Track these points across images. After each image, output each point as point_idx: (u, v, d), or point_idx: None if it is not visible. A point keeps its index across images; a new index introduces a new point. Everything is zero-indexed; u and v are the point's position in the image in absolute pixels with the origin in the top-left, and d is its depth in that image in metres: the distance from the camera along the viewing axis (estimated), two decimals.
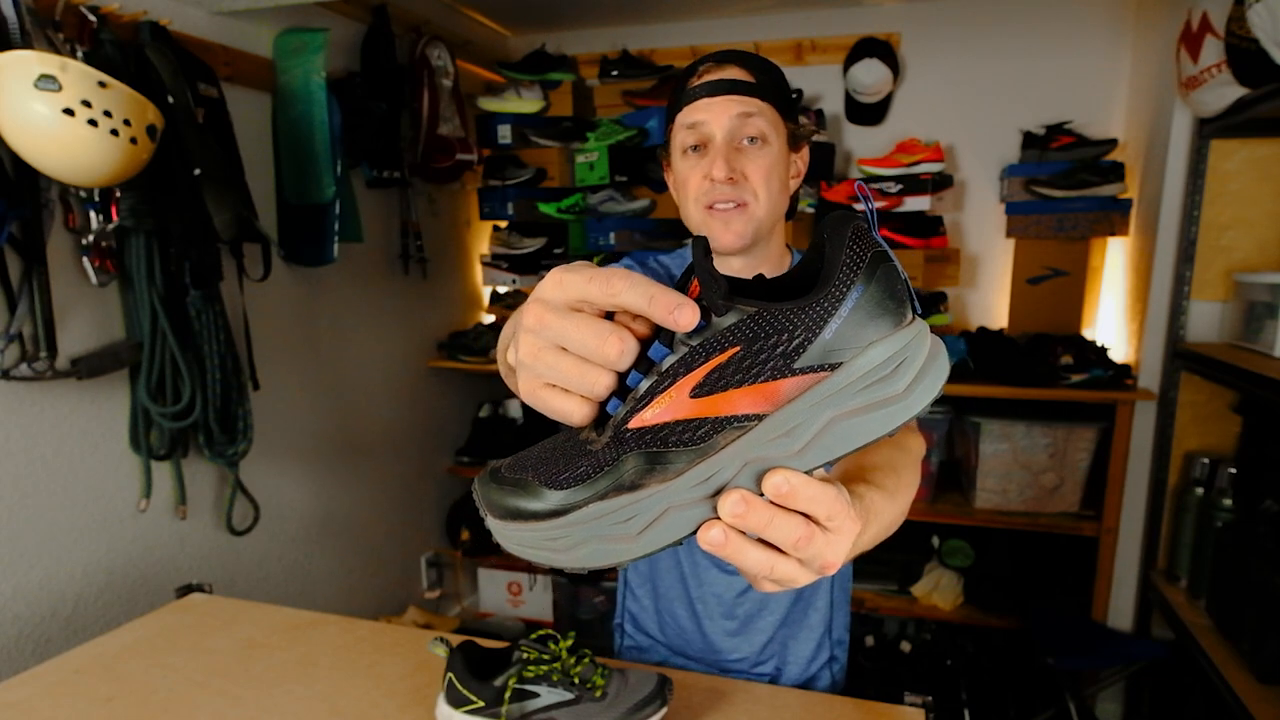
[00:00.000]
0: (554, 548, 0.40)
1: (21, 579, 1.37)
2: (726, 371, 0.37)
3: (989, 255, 2.45)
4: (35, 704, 0.88)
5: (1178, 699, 1.96)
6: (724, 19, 2.56)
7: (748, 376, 0.37)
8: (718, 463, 0.38)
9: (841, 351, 0.37)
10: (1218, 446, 1.96)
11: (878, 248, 0.38)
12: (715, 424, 0.37)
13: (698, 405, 0.37)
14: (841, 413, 0.37)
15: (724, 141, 0.88)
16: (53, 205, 1.34)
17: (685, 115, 0.91)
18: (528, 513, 0.40)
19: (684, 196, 0.93)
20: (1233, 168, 1.87)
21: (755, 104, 0.89)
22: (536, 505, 0.40)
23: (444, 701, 0.80)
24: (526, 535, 0.40)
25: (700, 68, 0.91)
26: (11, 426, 1.35)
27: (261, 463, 1.86)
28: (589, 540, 0.39)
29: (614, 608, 1.16)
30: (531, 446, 0.45)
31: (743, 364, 0.37)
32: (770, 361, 0.37)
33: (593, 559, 0.39)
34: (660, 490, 0.38)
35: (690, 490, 0.38)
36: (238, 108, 1.68)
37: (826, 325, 0.37)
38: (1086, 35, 2.27)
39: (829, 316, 0.37)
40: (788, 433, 0.38)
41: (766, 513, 0.38)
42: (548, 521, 0.40)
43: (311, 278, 2.02)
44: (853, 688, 1.02)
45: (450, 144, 2.31)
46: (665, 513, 0.38)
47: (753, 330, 0.37)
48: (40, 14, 1.28)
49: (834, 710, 0.87)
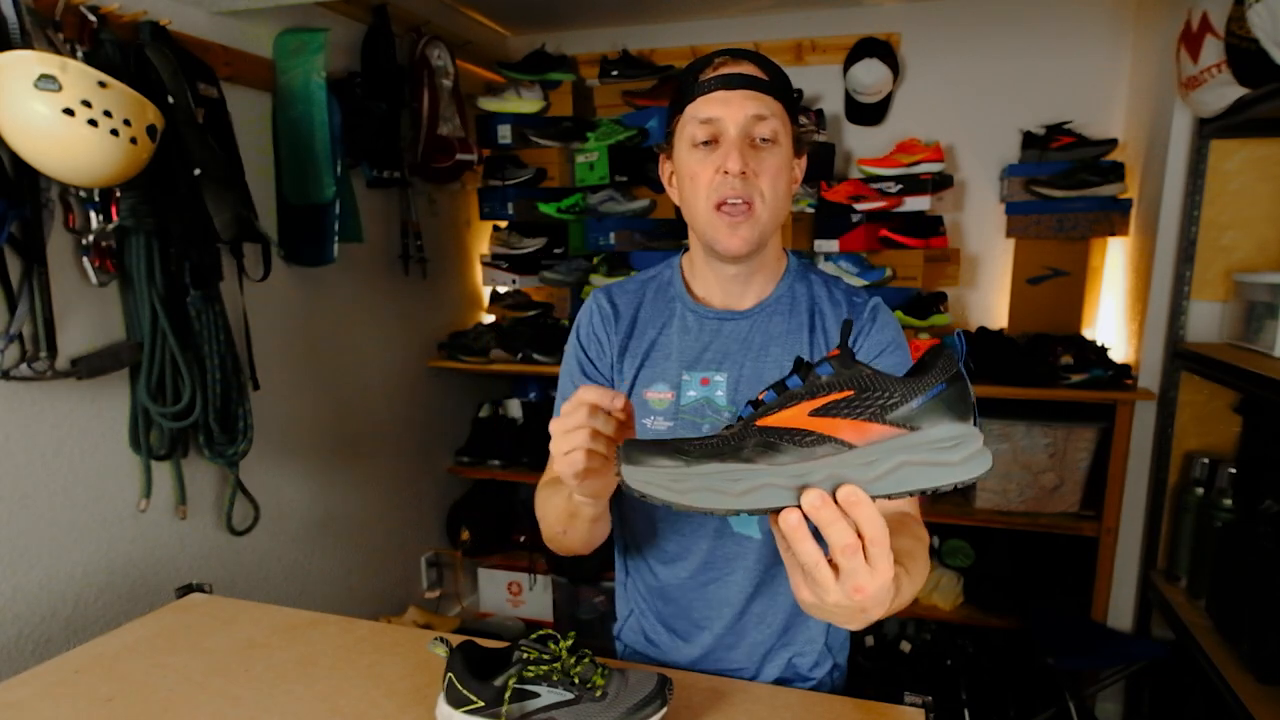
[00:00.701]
0: (674, 488, 0.53)
1: (21, 579, 1.37)
2: (839, 405, 0.53)
3: (989, 255, 2.45)
4: (35, 704, 0.88)
5: (1178, 699, 1.96)
6: (724, 19, 2.56)
7: (853, 413, 0.52)
8: (812, 466, 0.52)
9: (921, 420, 0.52)
10: (1218, 446, 1.96)
11: (961, 371, 0.53)
12: (820, 438, 0.52)
13: (812, 422, 0.53)
14: (910, 460, 0.52)
15: (738, 136, 0.87)
16: (53, 205, 1.34)
17: (697, 108, 0.89)
18: (662, 463, 0.53)
19: (693, 191, 0.91)
20: (1233, 168, 1.87)
21: (769, 103, 0.88)
22: (671, 458, 0.53)
23: (444, 701, 0.80)
24: (656, 474, 0.53)
25: (715, 60, 0.90)
26: (11, 426, 1.35)
27: (261, 463, 1.86)
28: (702, 489, 0.52)
29: (614, 609, 1.15)
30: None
31: (852, 404, 0.52)
32: (871, 408, 0.52)
33: (701, 499, 0.52)
34: (766, 470, 0.52)
35: (787, 477, 0.52)
36: (238, 108, 1.68)
37: (917, 398, 0.52)
38: (1086, 35, 2.27)
39: (920, 393, 0.53)
40: (868, 463, 0.52)
41: (833, 512, 0.51)
42: (677, 467, 0.53)
43: (311, 278, 2.02)
44: (853, 688, 1.01)
45: (450, 144, 2.31)
46: (763, 486, 0.52)
47: (866, 384, 0.53)
48: (40, 14, 1.28)
49: (834, 710, 0.87)
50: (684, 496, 0.52)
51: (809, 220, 2.39)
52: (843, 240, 2.33)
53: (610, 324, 1.02)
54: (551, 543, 0.93)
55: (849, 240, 2.33)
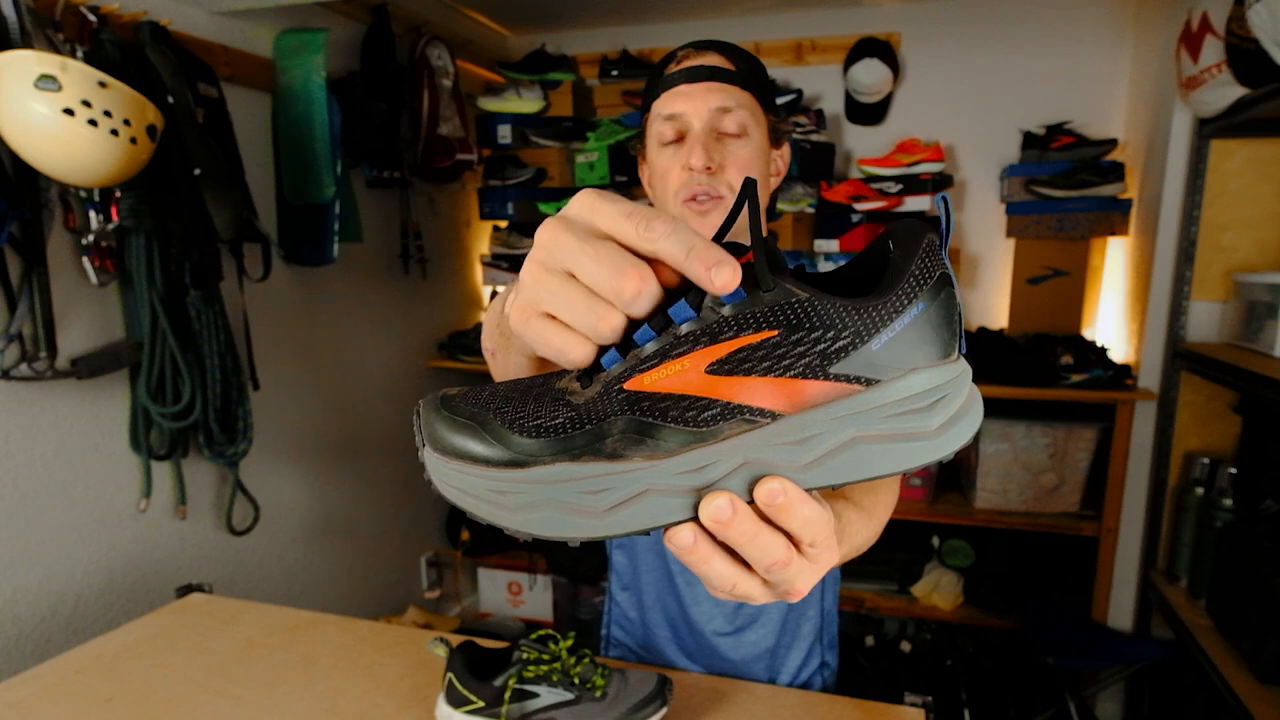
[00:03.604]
0: (501, 503, 0.34)
1: (21, 579, 1.37)
2: (755, 354, 0.32)
3: (989, 255, 2.45)
4: (35, 704, 0.88)
5: (1178, 699, 1.96)
6: (724, 19, 2.56)
7: (776, 367, 0.32)
8: (715, 453, 0.33)
9: (884, 368, 0.33)
10: (1218, 446, 1.96)
11: (946, 269, 0.34)
12: (725, 409, 0.33)
13: (711, 383, 0.33)
14: (865, 434, 0.33)
15: (703, 130, 0.84)
16: (53, 205, 1.34)
17: (662, 104, 0.87)
18: (479, 456, 0.34)
19: (664, 190, 0.89)
20: (1233, 168, 1.87)
21: (735, 93, 0.85)
22: (492, 449, 0.34)
23: (444, 701, 0.80)
24: (471, 481, 0.34)
25: (679, 53, 0.87)
26: (11, 426, 1.35)
27: (261, 463, 1.86)
28: (546, 504, 0.34)
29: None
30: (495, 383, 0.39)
31: (775, 351, 0.32)
32: (806, 357, 0.32)
33: (545, 526, 0.34)
34: (644, 468, 0.33)
35: (677, 476, 0.33)
36: (238, 108, 1.68)
37: (878, 335, 0.32)
38: (1086, 35, 2.27)
39: (883, 326, 0.32)
40: (801, 441, 0.33)
41: (751, 527, 0.33)
42: (502, 470, 0.34)
43: (311, 278, 2.02)
44: (853, 688, 1.01)
45: (450, 144, 2.31)
46: (643, 494, 0.33)
47: (797, 317, 0.32)
48: (40, 14, 1.28)
49: (834, 710, 0.87)
50: (517, 516, 0.34)
51: (809, 220, 2.39)
52: (843, 240, 2.33)
53: None
54: (488, 360, 0.65)
55: (849, 240, 2.33)
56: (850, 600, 2.32)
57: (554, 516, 0.34)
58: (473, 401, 0.36)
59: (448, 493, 0.36)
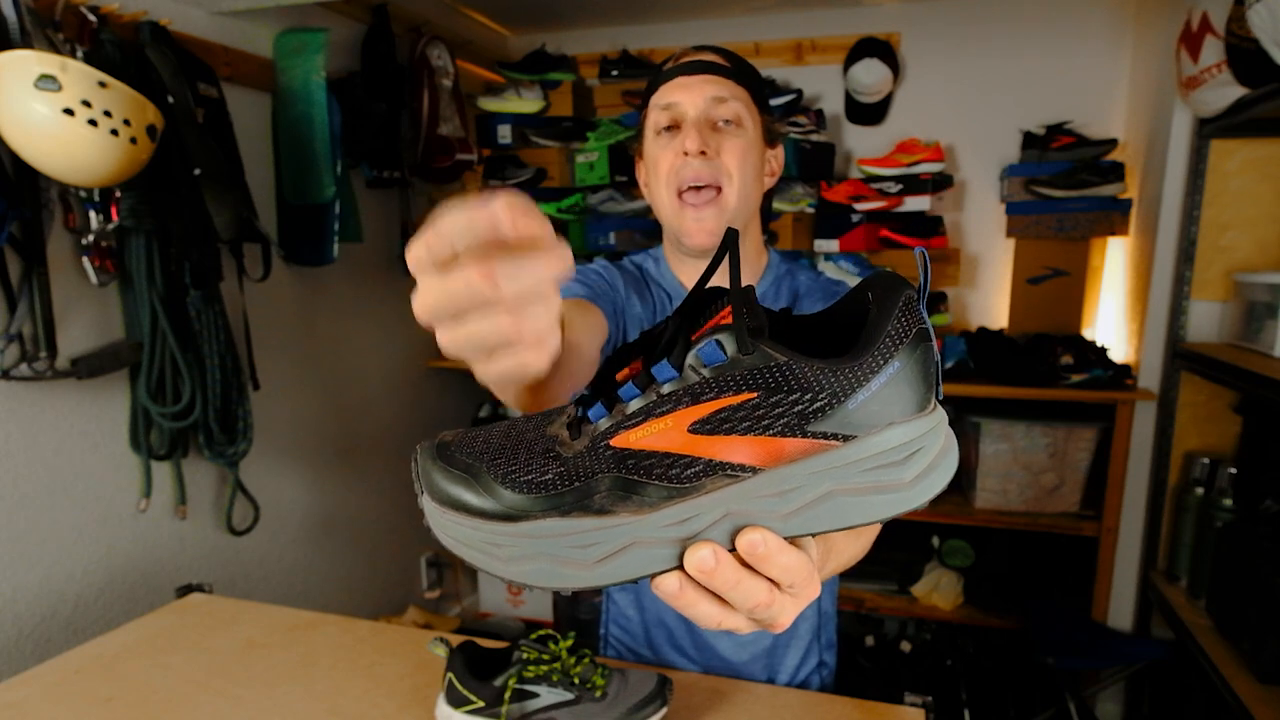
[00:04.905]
0: (495, 554, 0.36)
1: (21, 579, 1.37)
2: (736, 415, 0.34)
3: (989, 255, 2.45)
4: (35, 704, 0.88)
5: (1178, 699, 1.96)
6: (724, 19, 2.56)
7: (756, 426, 0.34)
8: (698, 506, 0.35)
9: (860, 425, 0.34)
10: (1218, 446, 1.96)
11: (923, 324, 0.35)
12: (707, 466, 0.35)
13: (693, 442, 0.34)
14: (842, 488, 0.35)
15: (698, 118, 0.85)
16: (53, 205, 1.34)
17: (659, 96, 0.89)
18: (473, 508, 0.36)
19: (656, 181, 0.89)
20: (1233, 168, 1.87)
21: (730, 87, 0.87)
22: (485, 502, 0.36)
23: (444, 701, 0.80)
24: (466, 532, 0.36)
25: (677, 53, 0.90)
26: (11, 426, 1.35)
27: (261, 463, 1.86)
28: (538, 557, 0.36)
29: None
30: (489, 426, 0.41)
31: (755, 412, 0.34)
32: (785, 417, 0.34)
33: (538, 578, 0.36)
34: (630, 523, 0.35)
35: (662, 529, 0.35)
36: (238, 108, 1.68)
37: (854, 395, 0.34)
38: (1086, 35, 2.27)
39: (858, 387, 0.34)
40: (781, 494, 0.35)
41: (734, 575, 0.35)
42: (495, 524, 0.36)
43: (311, 278, 2.02)
44: (853, 688, 1.01)
45: (450, 144, 2.31)
46: (629, 547, 0.35)
47: (776, 380, 0.34)
48: (40, 14, 1.28)
49: (834, 710, 0.87)
50: (510, 567, 0.36)
51: (809, 220, 2.39)
52: (843, 240, 2.33)
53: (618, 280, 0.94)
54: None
55: (849, 240, 2.33)
56: (850, 600, 2.32)
57: (546, 569, 0.36)
58: (467, 451, 0.38)
59: (445, 541, 0.38)
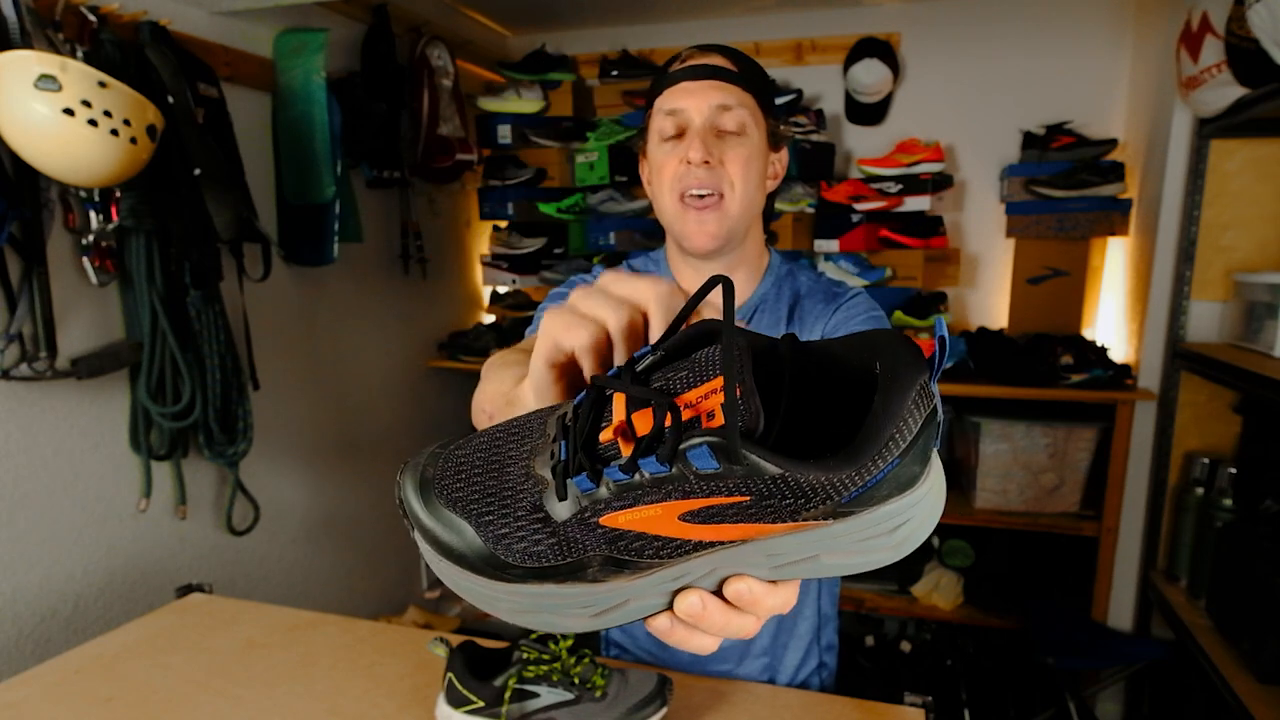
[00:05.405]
0: (496, 605, 0.38)
1: (21, 579, 1.37)
2: (727, 512, 0.34)
3: (989, 255, 2.45)
4: (35, 704, 0.88)
5: (1178, 699, 1.96)
6: (724, 19, 2.56)
7: (746, 518, 0.34)
8: (688, 568, 0.36)
9: (852, 509, 0.33)
10: (1218, 446, 1.96)
11: (933, 404, 0.33)
12: (698, 545, 0.35)
13: (684, 529, 0.34)
14: (829, 553, 0.35)
15: (703, 126, 0.86)
16: (53, 205, 1.34)
17: (664, 100, 0.88)
18: (469, 564, 0.37)
19: (659, 185, 0.90)
20: (1233, 168, 1.87)
21: (736, 93, 0.86)
22: (479, 558, 0.37)
23: (444, 701, 0.80)
24: (465, 583, 0.38)
25: (684, 54, 0.89)
26: (11, 426, 1.35)
27: (261, 463, 1.86)
28: (538, 611, 0.37)
29: None
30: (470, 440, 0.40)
31: (747, 510, 0.33)
32: (776, 512, 0.33)
33: (540, 625, 0.38)
34: (624, 586, 0.36)
35: (655, 587, 0.37)
36: (238, 108, 1.68)
37: (849, 493, 0.32)
38: (1086, 35, 2.27)
39: (856, 486, 0.32)
40: (768, 556, 0.36)
41: (721, 618, 0.37)
42: (492, 581, 0.37)
43: (311, 278, 2.02)
44: (853, 688, 1.01)
45: (450, 144, 2.31)
46: (626, 602, 0.37)
47: (769, 489, 0.32)
48: (40, 14, 1.28)
49: (834, 710, 0.87)
50: (511, 616, 0.38)
51: (809, 220, 2.39)
52: (843, 240, 2.33)
53: None
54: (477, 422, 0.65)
55: (849, 240, 2.33)
56: (850, 600, 2.32)
57: (547, 619, 0.38)
58: (451, 492, 0.39)
59: (444, 580, 0.39)
